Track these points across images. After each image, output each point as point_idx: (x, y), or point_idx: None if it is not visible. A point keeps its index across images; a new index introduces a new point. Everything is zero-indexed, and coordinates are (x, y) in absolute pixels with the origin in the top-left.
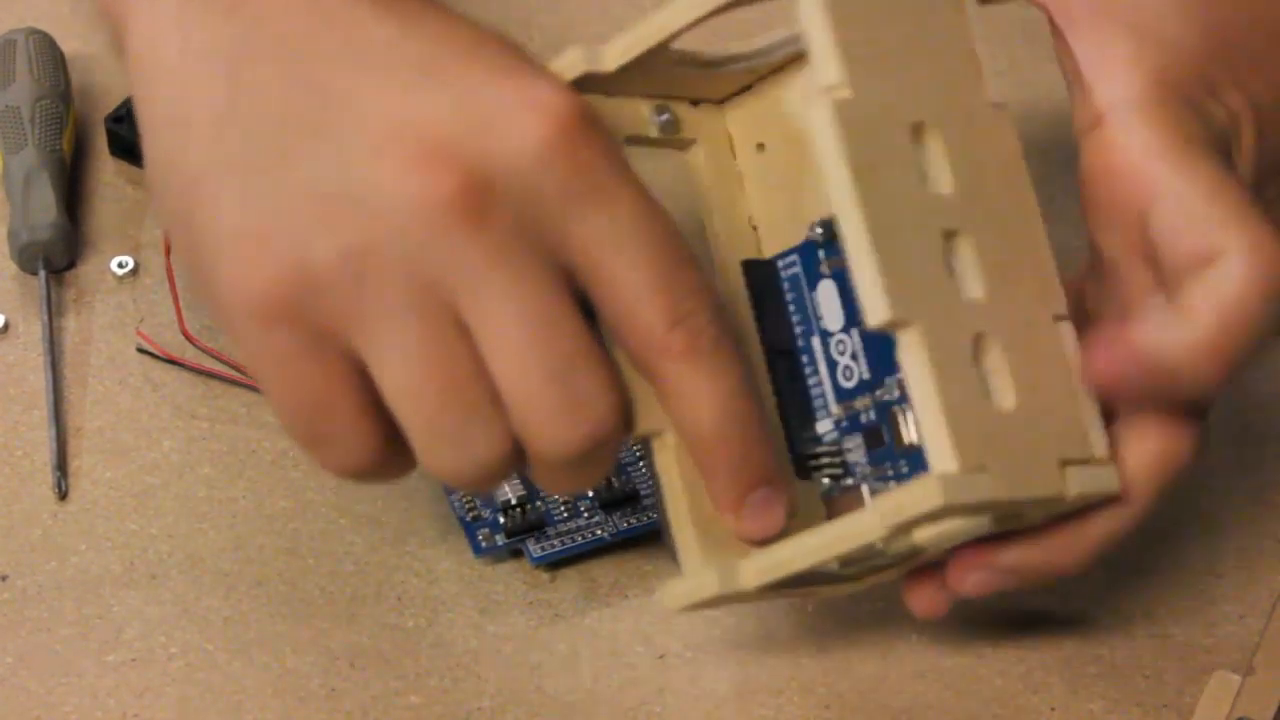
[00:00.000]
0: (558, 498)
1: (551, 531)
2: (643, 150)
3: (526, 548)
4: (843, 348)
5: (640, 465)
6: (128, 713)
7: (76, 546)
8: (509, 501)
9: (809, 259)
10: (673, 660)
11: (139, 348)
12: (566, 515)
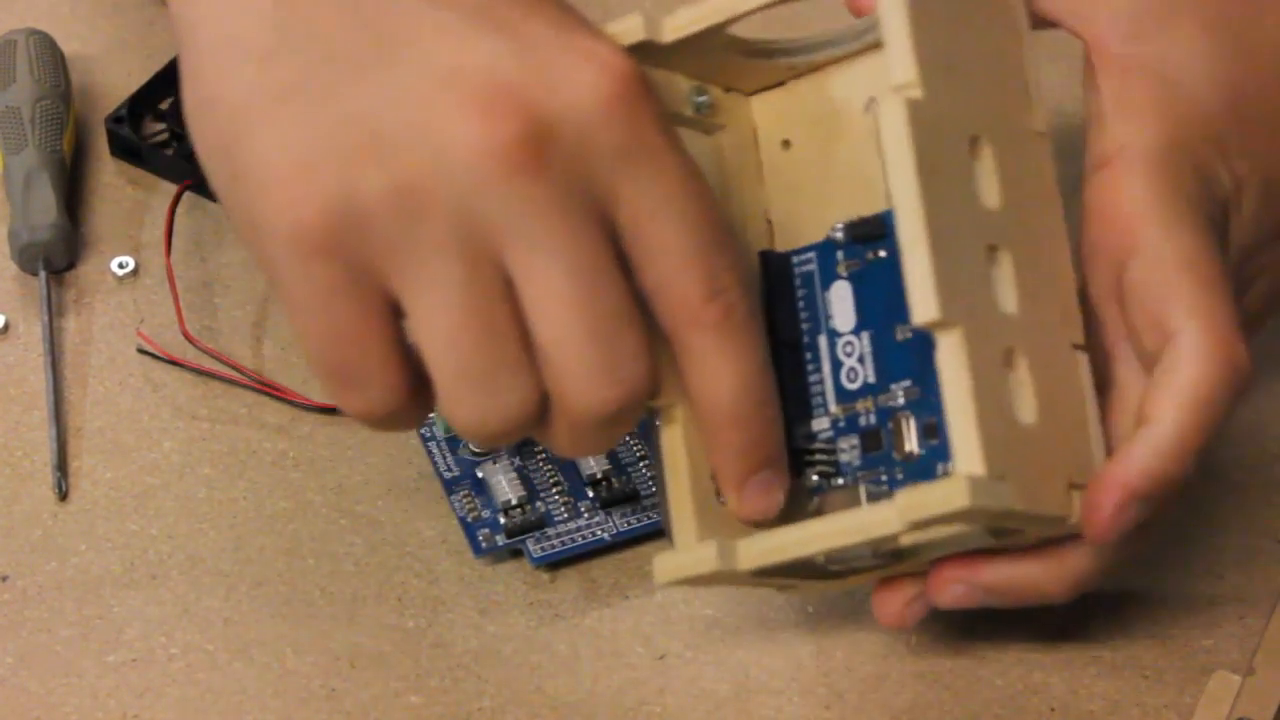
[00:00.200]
0: (558, 497)
1: (551, 531)
2: None
3: (526, 548)
4: (850, 349)
5: (640, 465)
6: (128, 713)
7: (77, 547)
8: (509, 501)
9: (826, 258)
10: (673, 660)
11: (139, 348)
12: (566, 515)
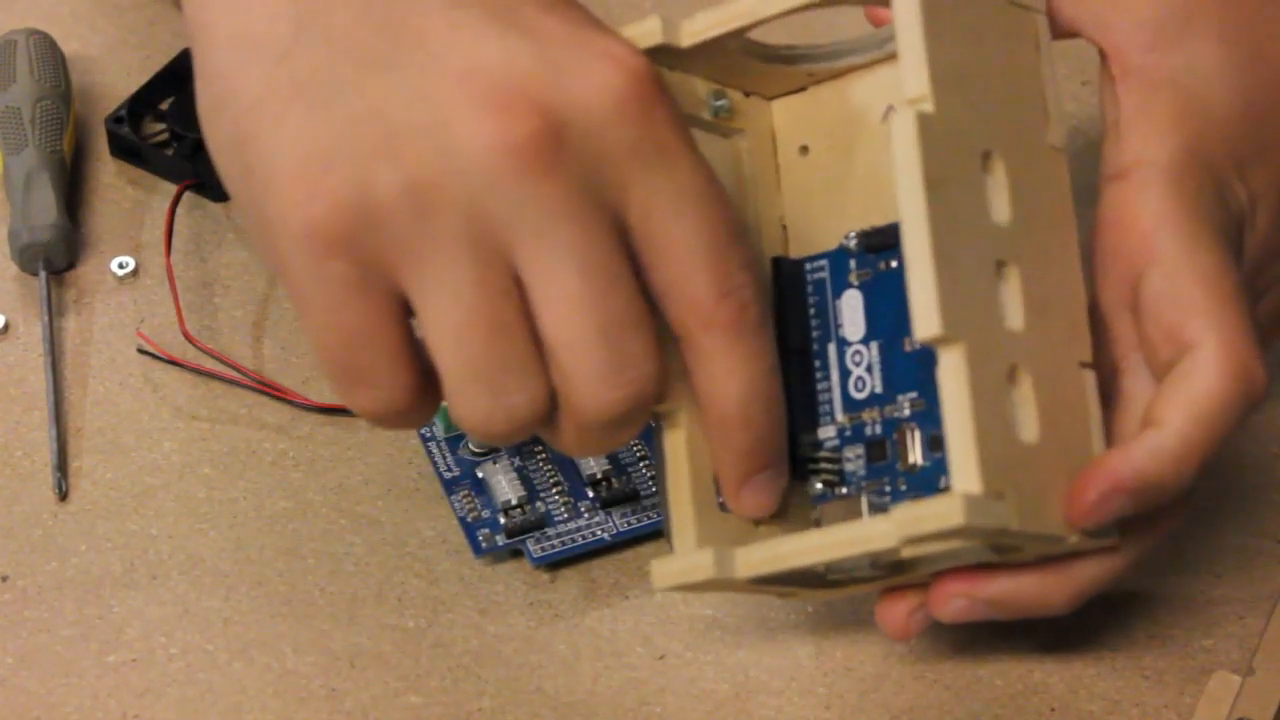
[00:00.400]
0: (558, 497)
1: (551, 531)
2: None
3: (526, 548)
4: (859, 358)
5: (640, 465)
6: (128, 713)
7: (77, 547)
8: (509, 501)
9: (839, 266)
10: (673, 660)
11: (139, 348)
12: (566, 515)
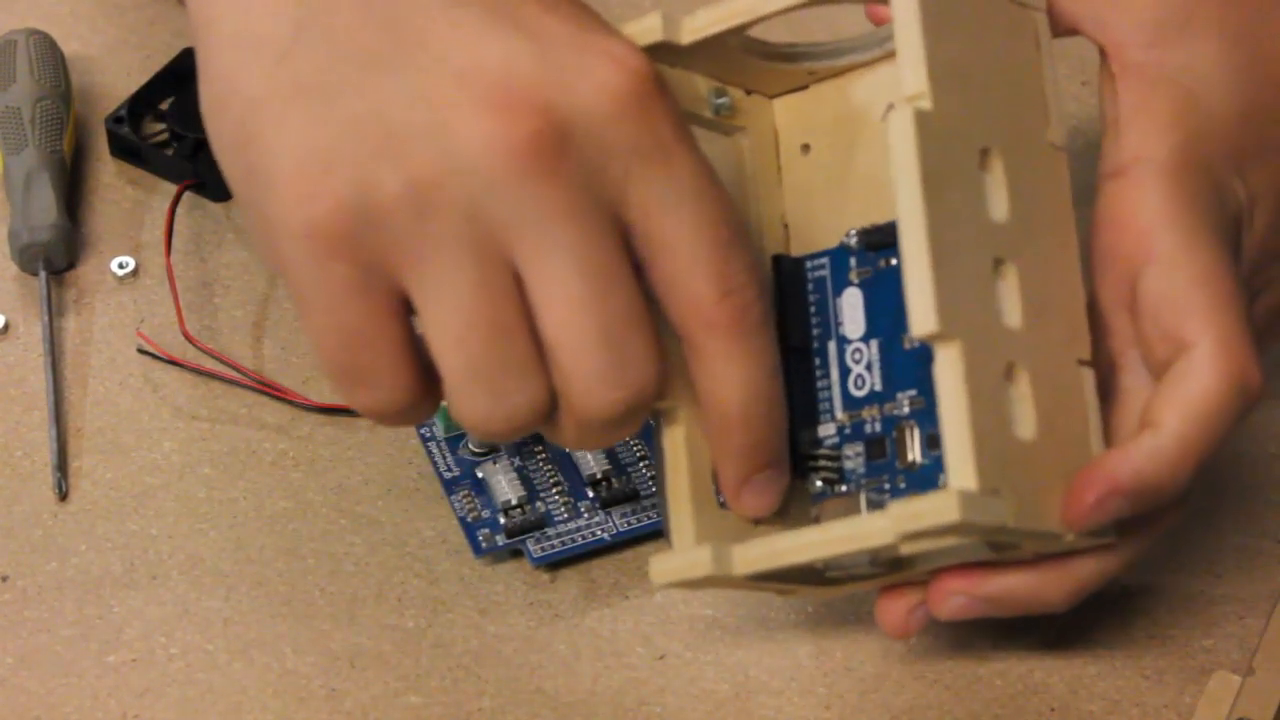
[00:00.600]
0: (558, 497)
1: (551, 531)
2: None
3: (526, 548)
4: (859, 356)
5: (640, 465)
6: (128, 713)
7: (77, 547)
8: (509, 501)
9: (839, 264)
10: (673, 660)
11: (139, 348)
12: (566, 515)
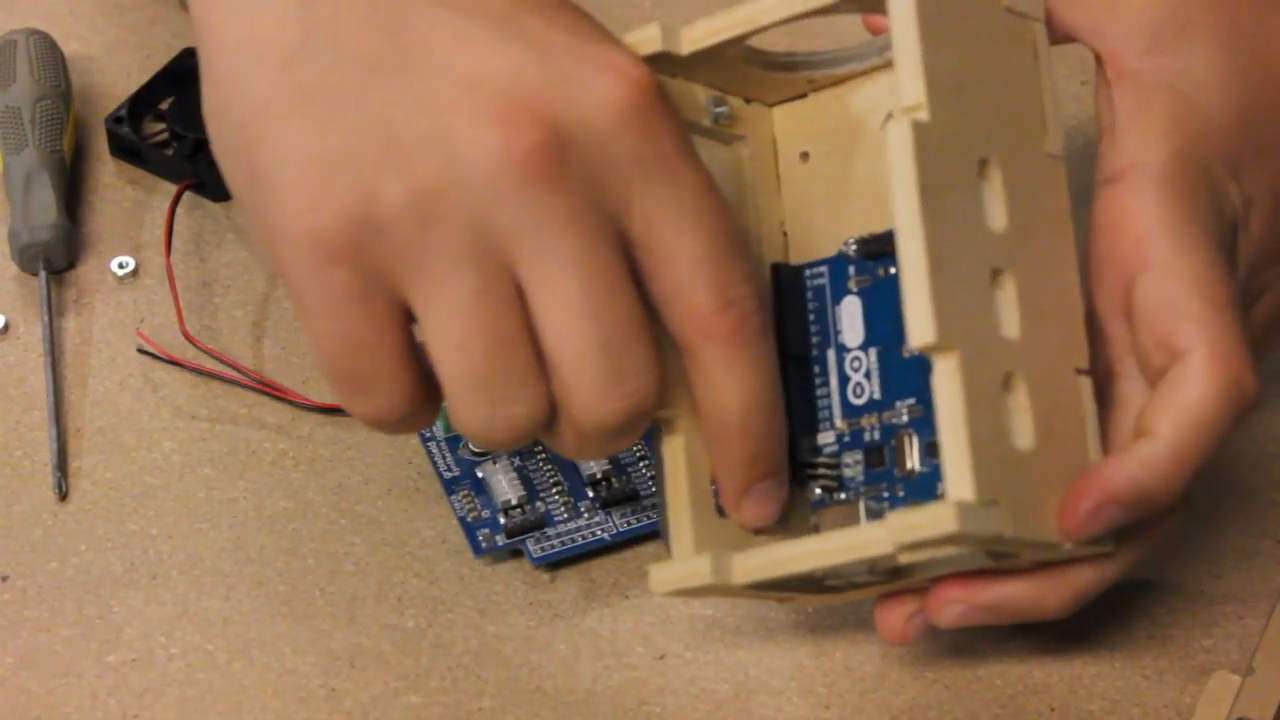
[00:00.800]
0: (558, 497)
1: (551, 531)
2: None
3: (526, 548)
4: (858, 364)
5: (640, 465)
6: (128, 713)
7: (77, 547)
8: (509, 501)
9: (838, 273)
10: (673, 660)
11: (139, 348)
12: (566, 515)
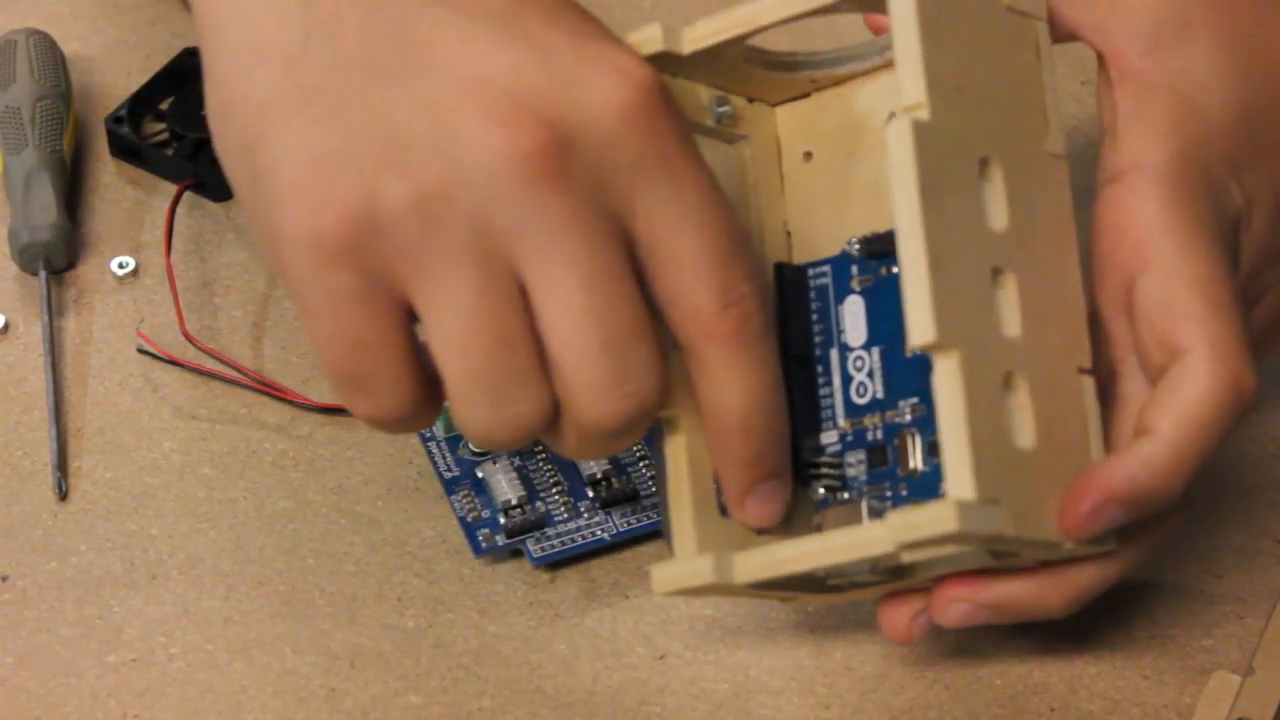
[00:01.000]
0: (558, 497)
1: (551, 531)
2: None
3: (526, 548)
4: (860, 364)
5: (640, 465)
6: (128, 713)
7: (77, 547)
8: (509, 501)
9: (841, 272)
10: (673, 660)
11: (139, 348)
12: (566, 515)
